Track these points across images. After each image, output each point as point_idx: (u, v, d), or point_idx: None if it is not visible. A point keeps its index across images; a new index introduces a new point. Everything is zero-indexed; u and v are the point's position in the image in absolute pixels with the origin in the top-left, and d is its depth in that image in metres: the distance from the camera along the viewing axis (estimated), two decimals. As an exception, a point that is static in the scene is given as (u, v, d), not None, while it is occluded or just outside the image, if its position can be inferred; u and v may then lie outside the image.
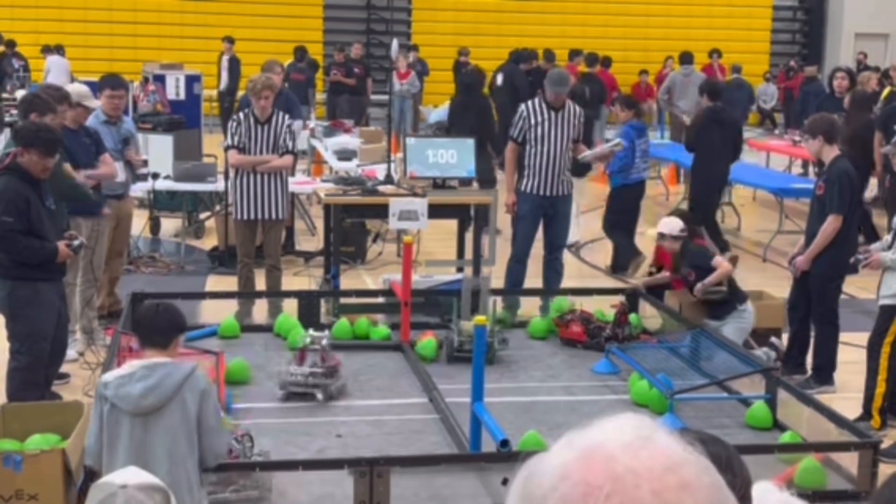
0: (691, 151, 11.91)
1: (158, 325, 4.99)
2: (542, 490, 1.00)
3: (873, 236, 10.86)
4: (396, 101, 18.75)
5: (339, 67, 20.83)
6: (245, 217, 9.07)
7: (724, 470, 1.97)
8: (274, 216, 9.10)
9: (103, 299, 9.02)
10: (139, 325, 5.09)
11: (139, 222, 11.03)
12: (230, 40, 21.23)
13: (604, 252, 12.70)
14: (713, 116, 11.77)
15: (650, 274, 9.37)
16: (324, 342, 7.23)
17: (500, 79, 17.69)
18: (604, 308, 9.15)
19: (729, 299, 8.27)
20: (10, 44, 21.00)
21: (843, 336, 8.16)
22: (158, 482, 3.08)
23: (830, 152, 7.95)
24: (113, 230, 8.79)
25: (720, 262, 8.31)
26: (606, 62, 20.65)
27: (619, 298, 8.91)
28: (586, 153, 9.71)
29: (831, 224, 7.82)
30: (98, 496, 2.90)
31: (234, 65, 20.86)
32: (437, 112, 20.68)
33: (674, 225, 8.47)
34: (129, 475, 2.98)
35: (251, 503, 5.79)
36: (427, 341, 8.15)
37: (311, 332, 7.41)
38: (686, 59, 18.22)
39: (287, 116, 9.29)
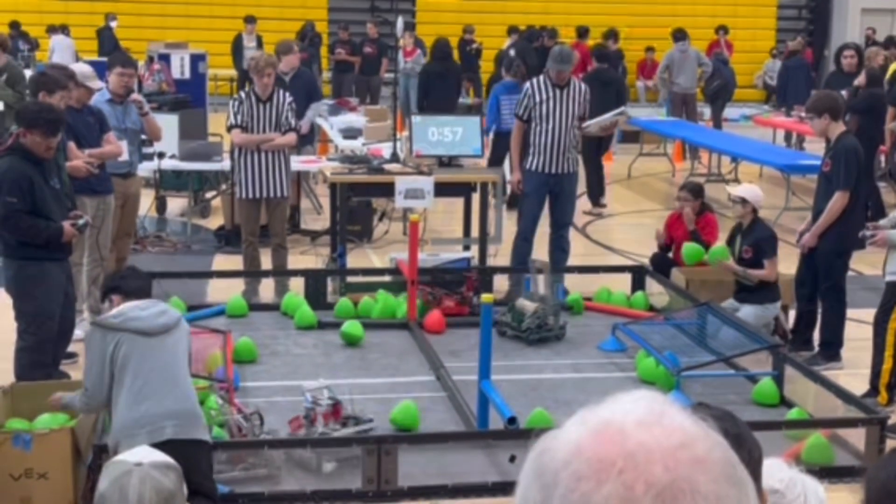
0: None
1: (140, 281, 5.42)
2: (554, 465, 1.00)
3: (881, 213, 10.85)
4: (402, 79, 18.71)
5: (343, 45, 20.76)
6: (248, 196, 9.08)
7: (737, 447, 1.97)
8: (277, 194, 9.11)
9: (111, 279, 9.03)
10: (122, 284, 5.40)
11: (145, 202, 11.03)
12: (252, 20, 21.10)
13: (613, 230, 12.70)
14: (596, 76, 13.48)
15: (660, 248, 9.36)
16: (326, 395, 6.26)
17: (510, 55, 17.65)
18: (608, 285, 9.18)
19: (762, 293, 8.24)
20: (15, 24, 21.09)
21: (851, 312, 8.16)
22: (172, 461, 3.12)
23: (836, 129, 7.93)
24: (120, 209, 8.80)
25: (772, 264, 8.24)
26: (582, 33, 20.39)
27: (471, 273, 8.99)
28: (589, 122, 9.64)
29: (838, 200, 7.81)
30: (113, 473, 2.93)
31: (261, 44, 20.72)
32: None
33: (758, 196, 8.41)
34: (143, 454, 3.02)
35: (260, 481, 5.82)
36: (350, 324, 8.08)
37: (306, 385, 6.37)
38: (679, 35, 18.34)
39: (288, 94, 9.27)
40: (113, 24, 21.78)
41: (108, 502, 2.92)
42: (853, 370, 7.74)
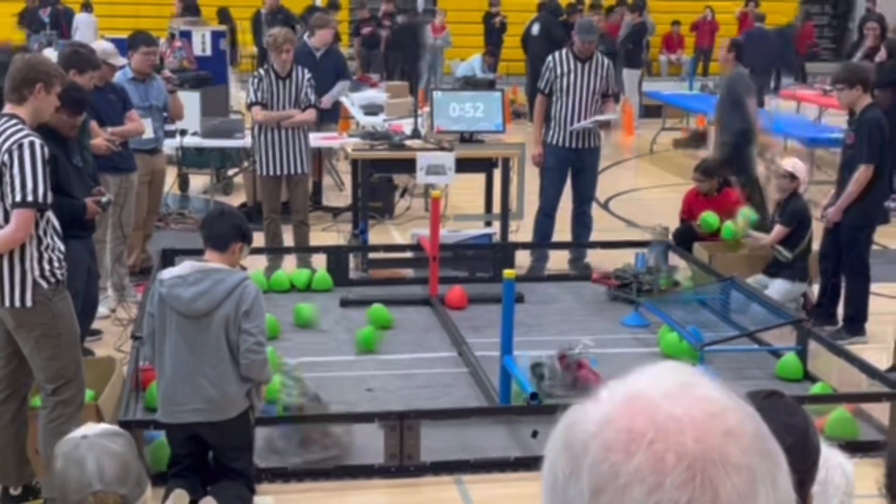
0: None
1: (219, 228, 4.99)
2: (583, 436, 0.99)
3: None
4: (428, 55, 18.68)
5: (366, 23, 20.74)
6: (270, 173, 9.08)
7: (801, 448, 1.91)
8: (298, 171, 9.11)
9: (137, 256, 9.06)
10: (203, 226, 5.08)
11: (168, 179, 11.04)
12: None
13: (636, 205, 12.65)
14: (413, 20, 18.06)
15: (682, 221, 9.33)
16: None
17: (535, 28, 17.57)
18: (632, 261, 9.14)
19: (793, 269, 8.21)
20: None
21: (875, 286, 8.12)
22: (118, 428, 3.11)
23: (864, 101, 7.87)
24: (147, 186, 8.83)
25: (779, 232, 8.24)
26: (595, 7, 20.45)
27: None
28: (574, 126, 9.29)
29: (862, 174, 7.76)
30: (63, 451, 2.88)
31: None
32: (465, 65, 20.60)
33: (804, 172, 8.46)
34: (86, 428, 2.99)
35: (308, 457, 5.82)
36: (377, 308, 8.01)
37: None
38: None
39: (307, 71, 9.25)
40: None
41: (69, 479, 2.81)
42: (877, 344, 7.70)
